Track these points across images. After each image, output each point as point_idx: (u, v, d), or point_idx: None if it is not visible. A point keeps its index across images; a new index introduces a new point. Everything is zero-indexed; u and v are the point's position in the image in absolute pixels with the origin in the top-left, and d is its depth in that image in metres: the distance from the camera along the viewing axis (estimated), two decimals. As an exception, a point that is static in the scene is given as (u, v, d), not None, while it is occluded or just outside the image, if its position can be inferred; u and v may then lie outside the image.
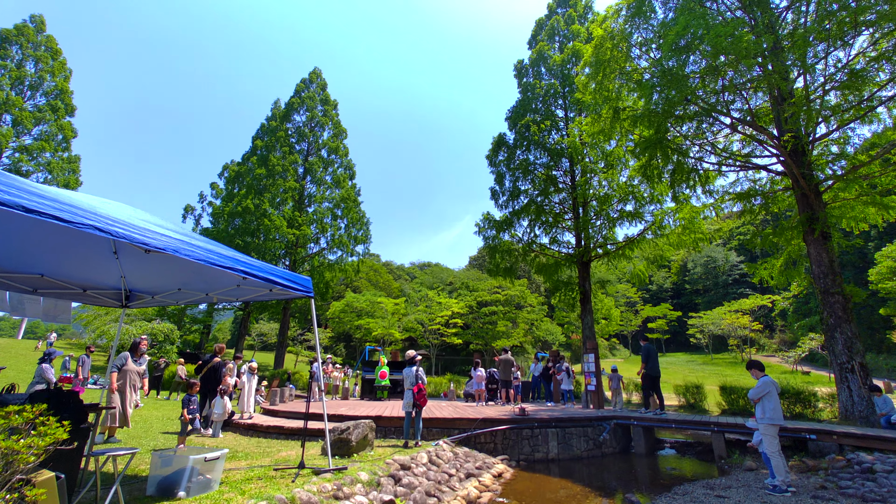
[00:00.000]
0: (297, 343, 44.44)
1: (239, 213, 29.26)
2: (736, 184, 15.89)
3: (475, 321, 50.69)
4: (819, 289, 11.43)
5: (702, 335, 55.50)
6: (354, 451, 5.78)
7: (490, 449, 8.12)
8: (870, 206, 12.73)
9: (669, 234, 20.25)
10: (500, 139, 23.51)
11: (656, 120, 11.30)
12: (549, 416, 8.91)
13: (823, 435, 7.86)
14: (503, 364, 12.36)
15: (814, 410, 12.26)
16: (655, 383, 10.77)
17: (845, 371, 10.62)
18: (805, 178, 11.44)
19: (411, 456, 5.99)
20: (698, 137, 13.21)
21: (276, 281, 4.57)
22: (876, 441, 7.44)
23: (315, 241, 33.83)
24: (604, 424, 9.34)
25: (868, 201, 12.57)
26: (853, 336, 10.72)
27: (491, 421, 8.32)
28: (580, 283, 21.70)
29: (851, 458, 7.14)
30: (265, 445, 7.00)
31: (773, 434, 6.19)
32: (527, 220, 22.49)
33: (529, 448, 8.30)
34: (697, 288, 75.98)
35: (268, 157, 31.76)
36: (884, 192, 12.66)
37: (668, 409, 16.86)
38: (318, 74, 37.13)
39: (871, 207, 12.88)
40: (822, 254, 11.43)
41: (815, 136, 11.99)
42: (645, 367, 10.88)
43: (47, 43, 32.09)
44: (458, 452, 7.15)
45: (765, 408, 6.28)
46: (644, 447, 9.42)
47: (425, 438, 8.05)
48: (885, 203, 12.78)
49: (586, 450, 8.85)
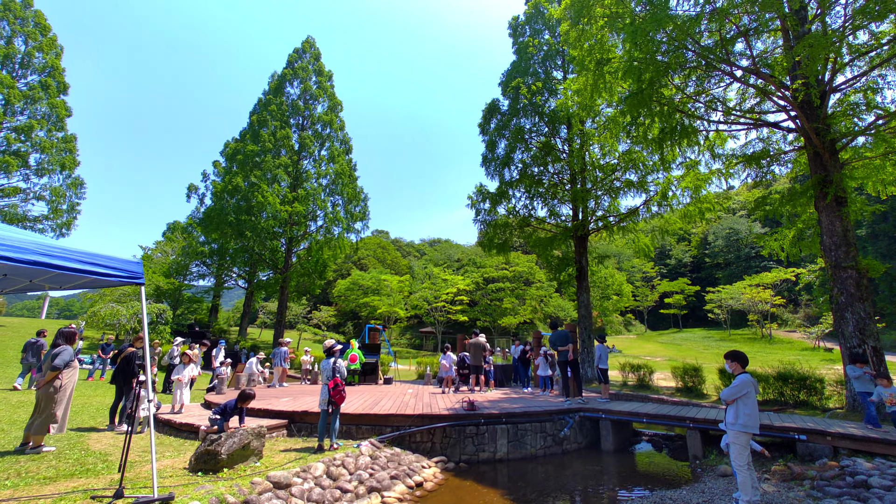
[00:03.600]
0: (300, 321, 44.52)
1: (230, 190, 28.66)
2: (748, 146, 14.17)
3: (482, 298, 49.88)
4: (829, 262, 9.96)
5: (720, 310, 53.30)
6: (227, 464, 4.88)
7: (427, 449, 7.23)
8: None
9: (674, 205, 18.70)
10: (493, 106, 21.86)
11: (640, 71, 9.75)
12: (501, 410, 7.92)
13: (815, 435, 6.66)
14: (473, 348, 11.41)
15: (820, 398, 10.97)
16: (574, 369, 9.75)
17: (855, 356, 9.26)
18: (818, 133, 9.79)
19: (304, 467, 5.09)
20: (698, 93, 11.53)
21: (80, 269, 3.67)
22: (878, 444, 6.23)
23: (312, 218, 33.06)
24: (566, 418, 8.33)
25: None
26: (866, 316, 9.31)
27: (429, 417, 7.40)
28: (576, 259, 20.36)
29: (846, 466, 5.97)
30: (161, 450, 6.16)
31: (744, 444, 5.07)
32: (521, 192, 21.10)
33: (474, 447, 7.37)
34: (718, 262, 72.93)
35: (259, 133, 30.86)
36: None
37: (663, 392, 15.72)
38: (311, 44, 35.59)
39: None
40: (835, 222, 9.88)
41: (833, 86, 10.22)
42: (558, 353, 9.84)
43: (35, 18, 31.40)
44: (382, 456, 6.27)
45: (738, 412, 5.13)
46: (613, 443, 8.40)
47: (353, 437, 7.22)
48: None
49: (543, 447, 7.88)
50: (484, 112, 22.06)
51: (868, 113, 10.26)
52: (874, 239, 36.53)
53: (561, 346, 9.57)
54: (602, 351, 10.27)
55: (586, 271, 20.18)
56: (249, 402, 6.03)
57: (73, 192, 31.48)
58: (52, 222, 30.64)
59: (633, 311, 75.40)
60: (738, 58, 10.58)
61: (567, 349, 9.51)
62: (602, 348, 10.33)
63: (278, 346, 13.03)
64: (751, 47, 9.86)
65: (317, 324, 45.41)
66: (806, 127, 9.73)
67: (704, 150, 15.53)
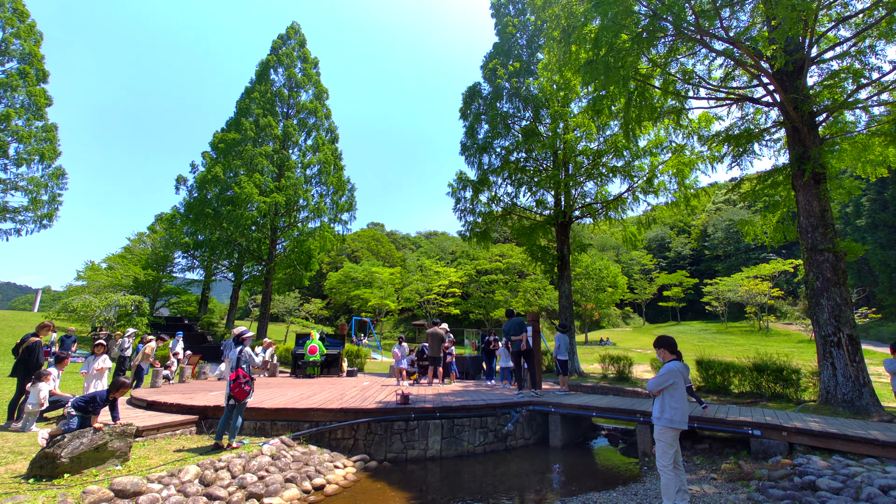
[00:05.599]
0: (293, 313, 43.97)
1: (210, 181, 28.07)
2: (733, 128, 13.40)
3: (476, 290, 49.27)
4: (805, 245, 9.28)
5: (717, 303, 52.50)
6: (70, 469, 4.17)
7: (349, 447, 6.64)
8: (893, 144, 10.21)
9: (661, 192, 17.99)
10: (473, 90, 21.03)
11: (599, 39, 9.01)
12: (439, 404, 7.31)
13: (770, 430, 6.03)
14: (431, 338, 10.82)
15: (796, 390, 10.34)
16: (529, 360, 9.14)
17: (830, 345, 8.63)
18: (796, 106, 9.05)
19: (172, 471, 4.46)
20: (668, 62, 10.73)
21: None
22: (838, 440, 5.60)
23: (297, 209, 32.42)
24: (512, 413, 7.72)
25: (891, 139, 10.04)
26: (843, 302, 8.63)
27: (353, 412, 6.80)
28: (558, 248, 19.67)
29: (800, 464, 5.35)
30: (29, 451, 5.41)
31: (669, 441, 4.43)
32: (501, 179, 20.35)
33: (402, 444, 6.77)
34: (718, 254, 72.00)
35: (240, 122, 30.19)
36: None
37: (640, 384, 15.08)
38: (295, 30, 34.79)
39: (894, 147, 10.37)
40: (813, 202, 9.19)
41: (812, 57, 9.44)
42: (511, 343, 9.23)
43: (13, 3, 30.65)
44: (287, 455, 5.68)
45: (664, 404, 4.50)
46: (562, 438, 7.79)
47: (268, 434, 6.61)
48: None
49: (483, 444, 7.26)
50: (464, 96, 21.27)
51: (852, 84, 9.52)
52: (874, 229, 35.58)
53: (514, 336, 8.97)
54: (561, 341, 9.64)
55: (568, 260, 19.52)
56: (123, 392, 5.39)
57: (55, 183, 30.93)
58: (33, 213, 30.20)
59: (631, 304, 74.74)
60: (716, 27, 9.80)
61: (521, 339, 8.91)
62: (561, 338, 9.70)
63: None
64: (721, 19, 9.08)
65: (305, 316, 44.90)
66: (783, 99, 9.00)
67: (691, 133, 14.82)
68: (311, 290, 56.24)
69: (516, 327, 9.00)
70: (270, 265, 31.04)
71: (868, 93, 9.14)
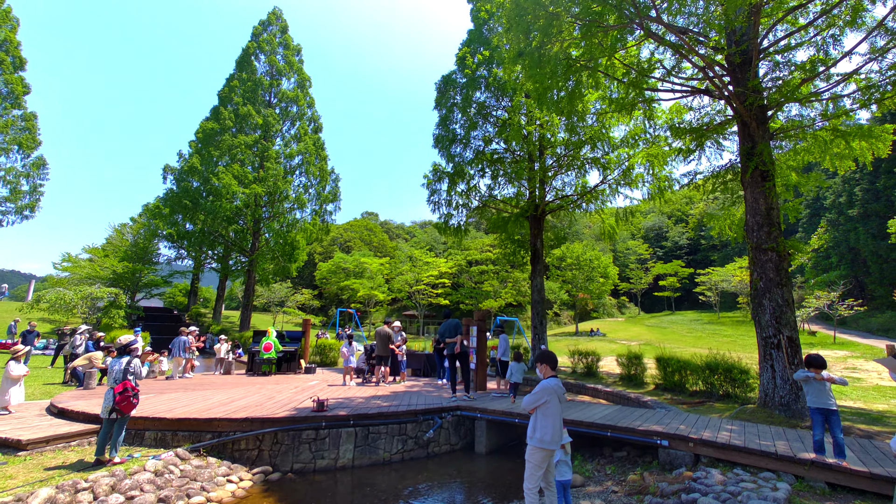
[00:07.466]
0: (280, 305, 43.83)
1: (187, 171, 27.82)
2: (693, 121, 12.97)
3: (467, 281, 49.13)
4: (751, 244, 8.99)
5: (711, 293, 52.21)
6: None
7: (253, 458, 6.45)
8: (857, 138, 9.86)
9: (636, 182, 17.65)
10: (448, 79, 20.50)
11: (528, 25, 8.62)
12: (355, 411, 7.14)
13: (678, 441, 5.84)
14: (378, 337, 10.65)
15: (744, 390, 10.14)
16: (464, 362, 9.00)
17: (770, 346, 8.40)
18: (741, 99, 8.67)
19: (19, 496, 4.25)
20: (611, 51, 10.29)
21: None
22: (740, 453, 5.40)
23: (280, 199, 32.12)
24: (434, 419, 7.55)
25: (853, 132, 9.68)
26: (784, 304, 8.38)
27: (259, 421, 6.62)
28: (531, 241, 19.40)
29: (698, 478, 5.16)
30: None
31: (538, 463, 4.23)
32: (476, 170, 19.99)
33: (310, 454, 6.58)
34: (714, 244, 71.41)
35: (219, 110, 29.79)
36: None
37: (606, 380, 14.95)
38: (277, 16, 34.08)
39: (858, 141, 10.01)
40: (759, 199, 8.87)
41: (762, 48, 9.01)
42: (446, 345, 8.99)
43: (-15, -9, 30.12)
44: (174, 470, 5.47)
45: (536, 423, 4.29)
46: (488, 445, 7.63)
47: (168, 445, 6.46)
48: (873, 133, 9.90)
49: (401, 451, 7.10)
50: (438, 85, 20.77)
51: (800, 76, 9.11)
52: (865, 219, 35.01)
53: (449, 338, 8.78)
54: (504, 343, 9.46)
55: (541, 253, 19.27)
56: None
57: (35, 173, 30.74)
58: (13, 205, 30.06)
59: (627, 294, 74.48)
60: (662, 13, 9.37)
61: (455, 341, 8.72)
62: (504, 339, 9.52)
63: (178, 336, 12.34)
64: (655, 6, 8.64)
65: (295, 307, 44.86)
66: (726, 92, 8.62)
67: (664, 125, 14.45)
68: (303, 280, 56.21)
69: (451, 329, 8.81)
70: (252, 256, 30.93)
71: (815, 87, 8.75)
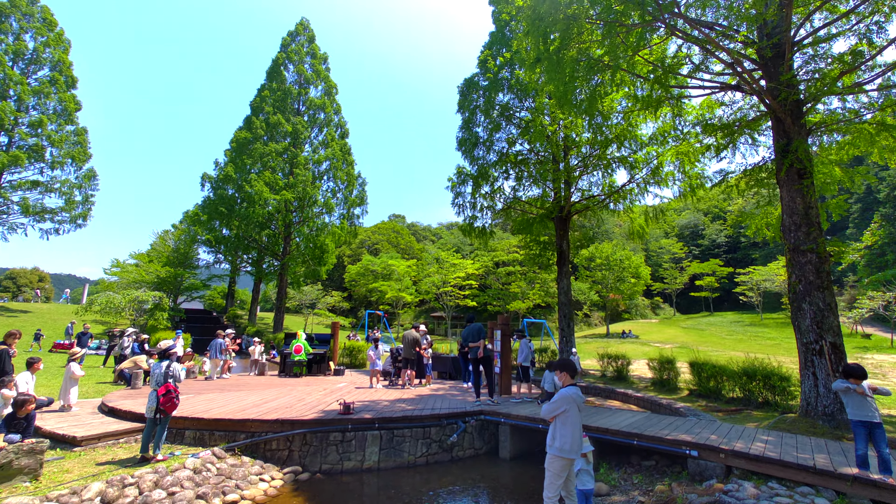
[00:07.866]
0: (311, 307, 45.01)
1: (222, 179, 29.03)
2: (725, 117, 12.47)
3: (494, 282, 48.90)
4: (788, 245, 8.57)
5: (752, 293, 49.84)
6: None
7: (283, 458, 6.72)
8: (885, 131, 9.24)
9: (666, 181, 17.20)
10: (471, 81, 20.51)
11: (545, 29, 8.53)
12: (375, 415, 7.26)
13: (708, 451, 5.64)
14: (405, 340, 10.80)
15: (784, 398, 9.66)
16: (487, 367, 8.92)
17: (812, 353, 7.99)
18: (774, 94, 8.28)
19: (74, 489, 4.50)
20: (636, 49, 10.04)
21: None
22: (775, 466, 5.17)
23: (310, 204, 32.99)
24: (458, 423, 7.59)
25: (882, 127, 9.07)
26: (826, 308, 7.95)
27: (289, 423, 6.84)
28: (557, 242, 19.14)
29: (729, 490, 4.98)
30: None
31: (557, 472, 4.20)
32: (501, 172, 19.91)
33: (338, 455, 6.77)
34: (756, 241, 67.95)
35: (251, 120, 30.94)
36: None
37: (636, 385, 14.55)
38: (304, 26, 35.07)
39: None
40: (796, 198, 8.45)
41: (796, 40, 8.58)
42: (469, 350, 8.89)
43: (42, 13, 32.39)
44: (212, 468, 5.78)
45: (556, 432, 4.27)
46: (512, 450, 7.61)
47: (205, 444, 6.78)
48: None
49: (426, 455, 7.18)
50: (461, 88, 20.82)
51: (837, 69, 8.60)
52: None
53: (472, 343, 8.80)
54: (525, 347, 9.40)
55: (567, 255, 18.99)
56: (26, 409, 5.57)
57: (87, 184, 32.85)
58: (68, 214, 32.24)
59: (661, 294, 72.07)
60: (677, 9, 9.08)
61: (478, 346, 8.73)
62: (525, 344, 9.46)
63: (215, 338, 12.92)
64: None
65: (326, 309, 45.94)
66: (757, 87, 8.26)
67: (695, 121, 14.00)
68: (333, 282, 57.45)
69: (474, 334, 8.83)
70: (284, 260, 31.92)
71: (854, 79, 8.25)
